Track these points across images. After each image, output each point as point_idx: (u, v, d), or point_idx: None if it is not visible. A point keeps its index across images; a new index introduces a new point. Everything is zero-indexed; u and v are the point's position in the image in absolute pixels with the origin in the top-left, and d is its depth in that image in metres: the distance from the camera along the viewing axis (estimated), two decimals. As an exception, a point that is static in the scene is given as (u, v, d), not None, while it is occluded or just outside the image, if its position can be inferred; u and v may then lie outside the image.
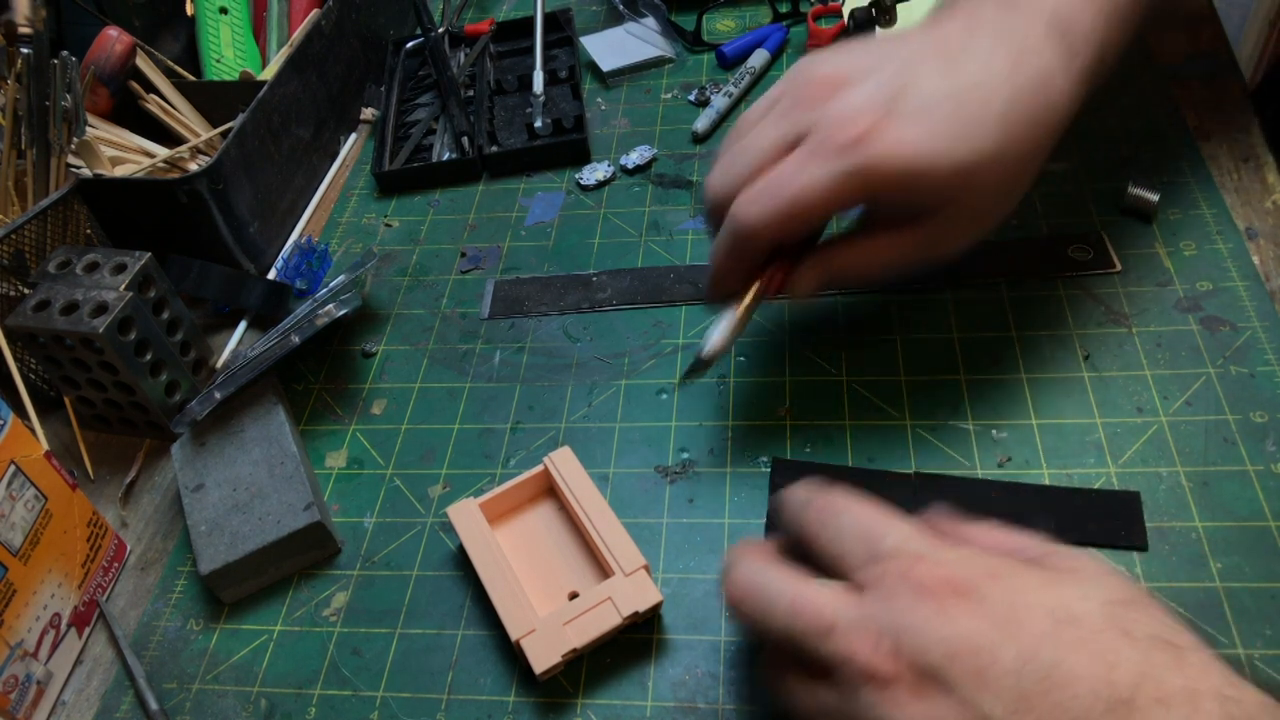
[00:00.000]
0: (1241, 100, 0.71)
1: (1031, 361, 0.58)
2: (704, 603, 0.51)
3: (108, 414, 0.64)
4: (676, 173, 0.77)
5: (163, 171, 0.77)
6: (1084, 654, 0.32)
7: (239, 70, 0.85)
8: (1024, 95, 0.48)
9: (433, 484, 0.59)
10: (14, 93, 0.67)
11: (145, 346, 0.60)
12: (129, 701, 0.52)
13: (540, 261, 0.72)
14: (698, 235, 0.72)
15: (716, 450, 0.58)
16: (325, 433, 0.63)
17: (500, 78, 0.89)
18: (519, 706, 0.49)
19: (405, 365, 0.67)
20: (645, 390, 0.62)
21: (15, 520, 0.50)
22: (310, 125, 0.81)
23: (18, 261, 0.64)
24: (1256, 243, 0.62)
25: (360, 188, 0.82)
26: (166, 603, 0.56)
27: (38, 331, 0.57)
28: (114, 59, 0.77)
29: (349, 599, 0.54)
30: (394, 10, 0.96)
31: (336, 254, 0.76)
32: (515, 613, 0.49)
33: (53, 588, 0.52)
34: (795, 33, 0.88)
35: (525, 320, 0.68)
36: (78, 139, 0.70)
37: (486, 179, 0.80)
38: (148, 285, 0.61)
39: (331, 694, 0.51)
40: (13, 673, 0.50)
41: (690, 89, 0.85)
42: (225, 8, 0.87)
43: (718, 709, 0.47)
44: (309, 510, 0.54)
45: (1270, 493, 0.50)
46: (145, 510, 0.62)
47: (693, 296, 0.67)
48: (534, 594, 0.52)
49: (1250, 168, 0.67)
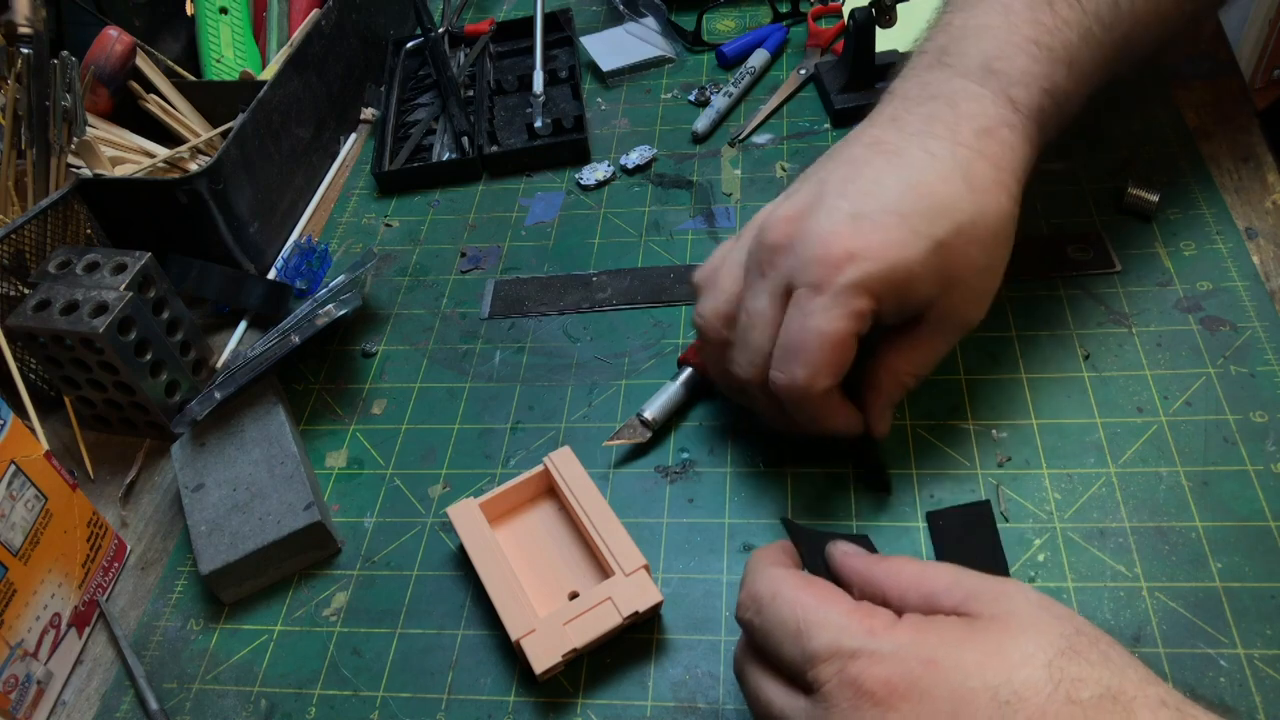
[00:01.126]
0: (1241, 100, 0.71)
1: (1031, 361, 0.58)
2: (704, 603, 0.51)
3: (108, 414, 0.64)
4: (676, 173, 0.77)
5: (163, 171, 0.77)
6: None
7: (239, 70, 0.85)
8: (975, 159, 0.48)
9: (433, 484, 0.59)
10: (14, 93, 0.67)
11: (145, 346, 0.60)
12: (129, 701, 0.52)
13: (540, 261, 0.72)
14: (697, 235, 0.72)
15: (716, 450, 0.58)
16: (325, 433, 0.63)
17: (500, 78, 0.89)
18: (519, 706, 0.49)
19: (405, 365, 0.67)
20: (645, 390, 0.61)
21: (15, 520, 0.50)
22: (310, 125, 0.81)
23: (18, 261, 0.64)
24: (1256, 243, 0.62)
25: (360, 188, 0.82)
26: (166, 603, 0.56)
27: (38, 331, 0.57)
28: (114, 59, 0.77)
29: (349, 599, 0.54)
30: (394, 10, 0.96)
31: (336, 254, 0.76)
32: (515, 613, 0.49)
33: (53, 588, 0.52)
34: (795, 33, 0.88)
35: (525, 320, 0.68)
36: (78, 139, 0.70)
37: (486, 179, 0.81)
38: (148, 285, 0.61)
39: (331, 694, 0.51)
40: (13, 673, 0.50)
41: (690, 89, 0.85)
42: (225, 8, 0.87)
43: (718, 709, 0.47)
44: (309, 510, 0.54)
45: (1270, 493, 0.50)
46: (145, 510, 0.62)
47: (691, 296, 0.67)
48: (534, 594, 0.52)
49: (1250, 168, 0.67)
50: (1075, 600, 0.48)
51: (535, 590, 0.52)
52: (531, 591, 0.52)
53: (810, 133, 0.78)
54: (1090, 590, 0.48)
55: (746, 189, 0.74)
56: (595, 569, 0.53)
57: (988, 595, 0.36)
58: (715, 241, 0.71)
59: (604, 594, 0.49)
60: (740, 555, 0.53)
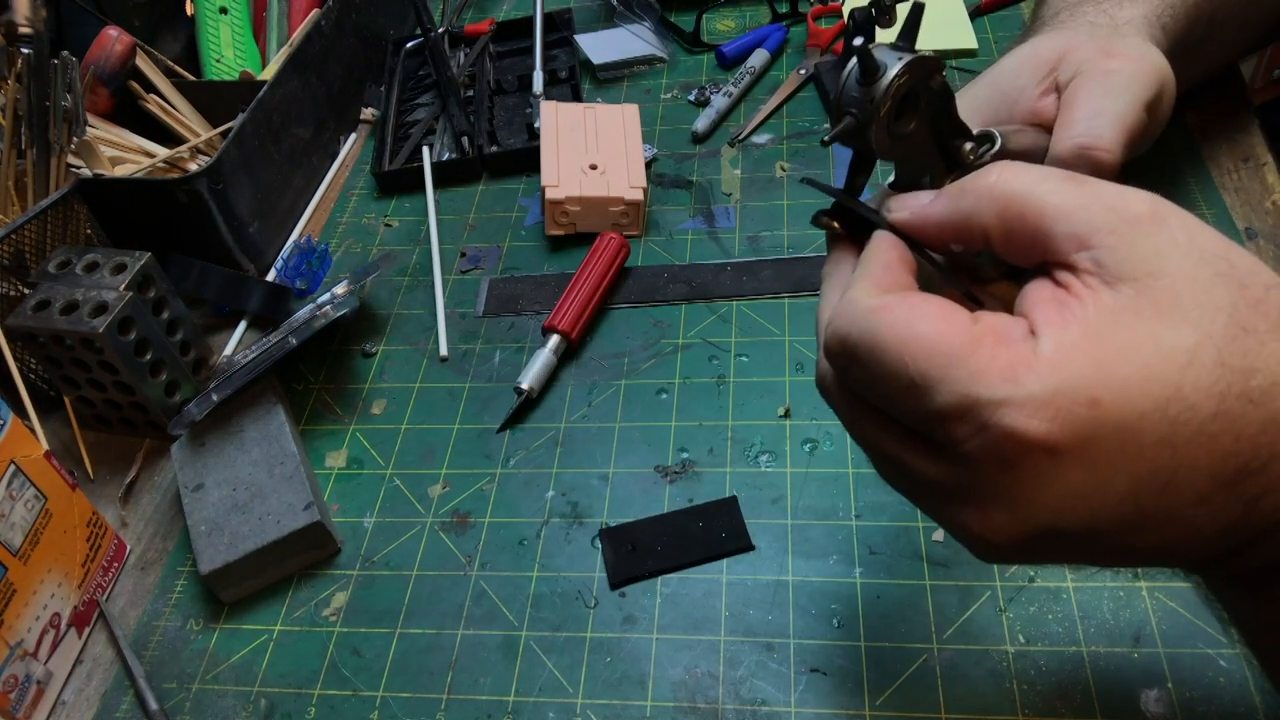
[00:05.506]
0: (1241, 100, 0.71)
1: (1031, 361, 0.58)
2: (704, 603, 0.51)
3: (108, 414, 0.63)
4: (676, 172, 0.77)
5: (163, 171, 0.77)
6: (1203, 453, 0.27)
7: (239, 70, 0.85)
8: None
9: (432, 484, 0.59)
10: (14, 93, 0.67)
11: (145, 346, 0.60)
12: (129, 701, 0.52)
13: (540, 261, 0.72)
14: (697, 235, 0.72)
15: (716, 450, 0.58)
16: (325, 433, 0.63)
17: (500, 78, 0.89)
18: (519, 706, 0.49)
19: (405, 365, 0.66)
20: (645, 390, 0.61)
21: (15, 520, 0.50)
22: (310, 125, 0.81)
23: (18, 261, 0.64)
24: (1256, 243, 0.62)
25: (360, 188, 0.82)
26: (166, 603, 0.56)
27: (38, 331, 0.57)
28: (114, 59, 0.77)
29: (349, 599, 0.54)
30: (394, 10, 0.96)
31: (336, 254, 0.76)
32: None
33: (53, 587, 0.52)
34: (795, 33, 0.88)
35: (525, 320, 0.68)
36: (78, 139, 0.70)
37: (486, 179, 0.80)
38: (148, 285, 0.61)
39: (331, 694, 0.51)
40: (13, 672, 0.50)
41: (690, 89, 0.85)
42: (225, 8, 0.87)
43: (718, 709, 0.47)
44: (309, 510, 0.54)
45: (1270, 493, 0.50)
46: (145, 510, 0.62)
47: (690, 296, 0.67)
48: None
49: (1250, 168, 0.67)
50: (1075, 600, 0.48)
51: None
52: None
53: (810, 133, 0.78)
54: (1090, 590, 0.48)
55: (746, 189, 0.74)
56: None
57: (1123, 244, 0.29)
58: (715, 241, 0.71)
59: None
60: (740, 555, 0.53)
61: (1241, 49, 0.66)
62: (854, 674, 0.48)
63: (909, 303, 0.30)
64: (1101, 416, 0.27)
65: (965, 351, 0.28)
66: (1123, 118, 0.45)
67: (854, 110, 0.33)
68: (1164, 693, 0.45)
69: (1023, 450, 0.27)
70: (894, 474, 0.33)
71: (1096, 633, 0.47)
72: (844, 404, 0.33)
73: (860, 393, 0.32)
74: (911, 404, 0.29)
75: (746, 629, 0.50)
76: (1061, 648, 0.47)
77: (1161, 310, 0.28)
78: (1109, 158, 0.44)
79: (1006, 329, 0.29)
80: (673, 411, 0.60)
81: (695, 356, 0.63)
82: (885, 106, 0.33)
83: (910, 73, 0.33)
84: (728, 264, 0.69)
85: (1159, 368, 0.27)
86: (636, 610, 0.52)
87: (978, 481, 0.29)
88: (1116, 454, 0.27)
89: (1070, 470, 0.27)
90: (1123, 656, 0.46)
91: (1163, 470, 0.27)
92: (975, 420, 0.28)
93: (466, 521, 0.57)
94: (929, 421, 0.29)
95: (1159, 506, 0.28)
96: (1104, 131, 0.44)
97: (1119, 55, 0.47)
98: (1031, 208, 0.30)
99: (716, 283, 0.68)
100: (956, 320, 0.29)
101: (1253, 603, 0.33)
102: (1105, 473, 0.27)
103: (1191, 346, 0.27)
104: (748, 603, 0.51)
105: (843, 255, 0.35)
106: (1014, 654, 0.47)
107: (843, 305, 0.31)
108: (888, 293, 0.31)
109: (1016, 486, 0.28)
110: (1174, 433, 0.27)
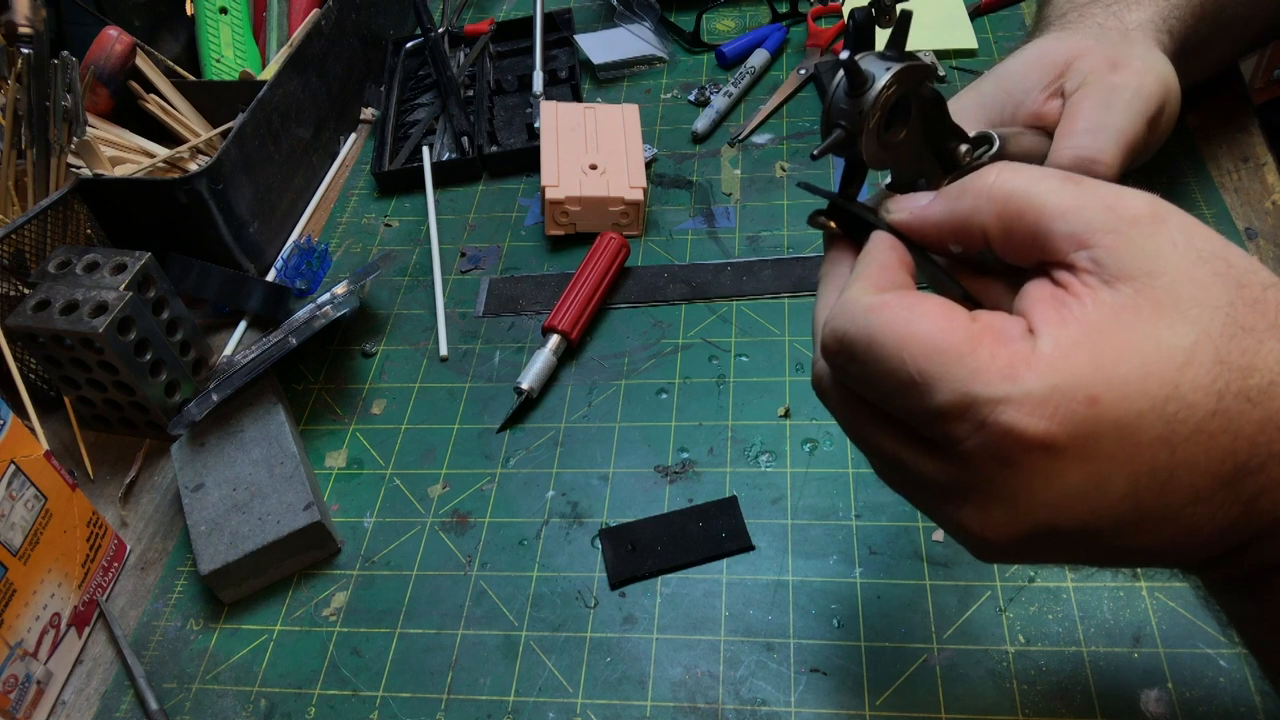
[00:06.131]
0: (1241, 100, 0.71)
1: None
2: (704, 603, 0.51)
3: (108, 414, 0.63)
4: (676, 172, 0.77)
5: (163, 171, 0.77)
6: (1201, 451, 0.27)
7: (239, 70, 0.85)
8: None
9: (432, 484, 0.59)
10: (14, 93, 0.67)
11: (145, 346, 0.60)
12: (129, 701, 0.52)
13: (540, 261, 0.72)
14: (697, 235, 0.72)
15: (716, 450, 0.58)
16: (325, 433, 0.63)
17: (500, 78, 0.89)
18: (519, 706, 0.49)
19: (405, 365, 0.66)
20: (645, 390, 0.61)
21: (15, 520, 0.50)
22: (310, 125, 0.81)
23: (18, 261, 0.64)
24: (1256, 243, 0.62)
25: (360, 188, 0.82)
26: (166, 603, 0.56)
27: (38, 331, 0.57)
28: (114, 59, 0.77)
29: (349, 599, 0.54)
30: (394, 10, 0.96)
31: (336, 254, 0.76)
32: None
33: (53, 587, 0.52)
34: (795, 33, 0.88)
35: (525, 320, 0.68)
36: (78, 139, 0.70)
37: (486, 179, 0.80)
38: (148, 285, 0.61)
39: (331, 694, 0.51)
40: (13, 672, 0.50)
41: (690, 89, 0.85)
42: (225, 8, 0.87)
43: (718, 709, 0.47)
44: (309, 510, 0.54)
45: (1270, 492, 0.50)
46: (145, 510, 0.62)
47: (690, 296, 0.67)
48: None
49: (1250, 168, 0.67)
50: (1075, 600, 0.48)
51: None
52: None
53: (810, 133, 0.78)
54: (1090, 590, 0.48)
55: (746, 189, 0.74)
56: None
57: (1121, 244, 0.28)
58: (715, 241, 0.71)
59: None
60: (740, 555, 0.53)
61: (1245, 47, 0.66)
62: (854, 674, 0.48)
63: (907, 301, 0.30)
64: (1100, 415, 0.27)
65: (964, 349, 0.28)
66: (1124, 133, 0.46)
67: (843, 122, 0.33)
68: (1164, 693, 0.45)
69: (1021, 448, 0.27)
70: (892, 473, 0.33)
71: (1096, 633, 0.47)
72: (841, 404, 0.33)
73: (858, 392, 0.32)
74: (910, 402, 0.29)
75: (746, 629, 0.50)
76: (1061, 648, 0.47)
77: (1160, 309, 0.28)
78: (1107, 172, 0.44)
79: (1005, 327, 0.29)
80: (673, 411, 0.60)
81: (695, 356, 0.63)
82: (875, 117, 0.33)
83: (898, 82, 0.33)
84: (728, 264, 0.69)
85: (1157, 366, 0.27)
86: (636, 610, 0.52)
87: (976, 480, 0.29)
88: (1115, 452, 0.27)
89: (1069, 468, 0.27)
90: (1123, 656, 0.46)
91: (1161, 468, 0.27)
92: (974, 418, 0.28)
93: (466, 521, 0.57)
94: (927, 420, 0.29)
95: (1157, 505, 0.28)
96: (1104, 146, 0.45)
97: (1125, 68, 0.48)
98: (1030, 207, 0.30)
99: (716, 283, 0.68)
100: (955, 318, 0.29)
101: (1251, 603, 0.33)
102: (1104, 471, 0.27)
103: (1190, 345, 0.27)
104: (748, 603, 0.51)
105: (840, 255, 0.35)
106: (1014, 654, 0.47)
107: (840, 304, 0.31)
108: (885, 292, 0.31)
109: (1015, 485, 0.28)
110: (1172, 431, 0.27)
